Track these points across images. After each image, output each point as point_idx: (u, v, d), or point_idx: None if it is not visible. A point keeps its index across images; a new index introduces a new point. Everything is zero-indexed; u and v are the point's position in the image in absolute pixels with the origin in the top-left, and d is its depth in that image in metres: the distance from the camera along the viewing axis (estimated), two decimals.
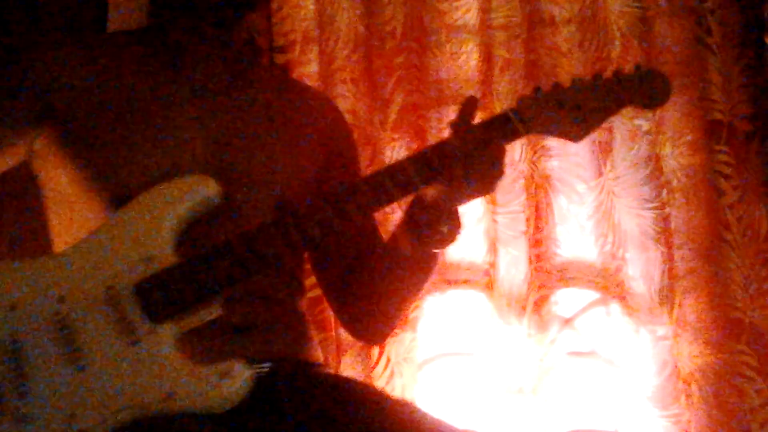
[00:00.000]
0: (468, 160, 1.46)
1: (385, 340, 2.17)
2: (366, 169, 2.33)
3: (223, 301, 1.43)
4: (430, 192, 1.51)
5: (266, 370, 1.49)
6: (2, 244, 2.25)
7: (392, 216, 2.29)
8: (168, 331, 1.40)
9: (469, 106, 1.53)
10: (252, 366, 1.43)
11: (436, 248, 1.58)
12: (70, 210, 1.54)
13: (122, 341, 1.39)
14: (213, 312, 1.42)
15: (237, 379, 1.38)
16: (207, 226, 1.48)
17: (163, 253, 1.43)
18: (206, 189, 1.48)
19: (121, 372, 1.38)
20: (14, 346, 1.38)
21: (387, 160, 2.39)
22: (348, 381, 1.64)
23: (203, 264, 1.42)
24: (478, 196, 1.53)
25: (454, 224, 1.54)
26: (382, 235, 1.72)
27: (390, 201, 1.49)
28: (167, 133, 1.53)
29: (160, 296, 1.40)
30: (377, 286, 1.65)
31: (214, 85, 1.58)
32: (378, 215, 1.71)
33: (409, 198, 1.54)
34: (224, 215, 1.49)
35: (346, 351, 2.34)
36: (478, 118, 2.43)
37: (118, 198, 1.48)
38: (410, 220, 1.56)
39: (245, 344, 1.49)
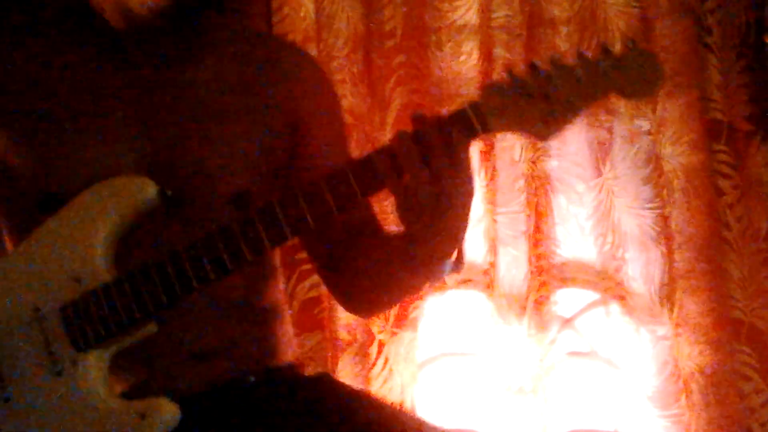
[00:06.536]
0: (428, 153, 1.20)
1: (379, 314, 2.21)
2: None
3: (159, 319, 1.26)
4: (416, 228, 1.26)
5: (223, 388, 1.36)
6: None
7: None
8: (92, 362, 1.25)
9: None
10: (204, 393, 1.31)
11: (436, 279, 1.37)
12: (9, 218, 1.38)
13: (46, 371, 1.25)
14: (146, 332, 1.26)
15: (157, 419, 1.22)
16: (155, 232, 1.29)
17: (93, 271, 1.25)
18: (141, 191, 1.26)
19: (44, 407, 1.25)
20: None
21: None
22: (320, 380, 1.49)
23: (134, 284, 1.23)
24: (454, 211, 1.24)
25: (458, 264, 1.32)
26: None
27: (354, 197, 1.24)
28: (100, 125, 1.32)
29: (83, 321, 1.23)
30: (373, 272, 1.42)
31: (153, 64, 1.36)
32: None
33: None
34: (175, 218, 1.30)
35: (343, 351, 2.34)
36: None
37: (48, 204, 1.29)
38: (408, 258, 1.33)
39: (202, 369, 1.34)
